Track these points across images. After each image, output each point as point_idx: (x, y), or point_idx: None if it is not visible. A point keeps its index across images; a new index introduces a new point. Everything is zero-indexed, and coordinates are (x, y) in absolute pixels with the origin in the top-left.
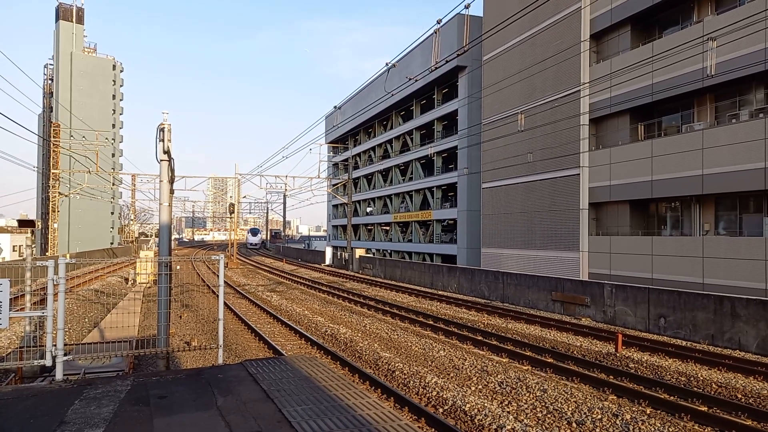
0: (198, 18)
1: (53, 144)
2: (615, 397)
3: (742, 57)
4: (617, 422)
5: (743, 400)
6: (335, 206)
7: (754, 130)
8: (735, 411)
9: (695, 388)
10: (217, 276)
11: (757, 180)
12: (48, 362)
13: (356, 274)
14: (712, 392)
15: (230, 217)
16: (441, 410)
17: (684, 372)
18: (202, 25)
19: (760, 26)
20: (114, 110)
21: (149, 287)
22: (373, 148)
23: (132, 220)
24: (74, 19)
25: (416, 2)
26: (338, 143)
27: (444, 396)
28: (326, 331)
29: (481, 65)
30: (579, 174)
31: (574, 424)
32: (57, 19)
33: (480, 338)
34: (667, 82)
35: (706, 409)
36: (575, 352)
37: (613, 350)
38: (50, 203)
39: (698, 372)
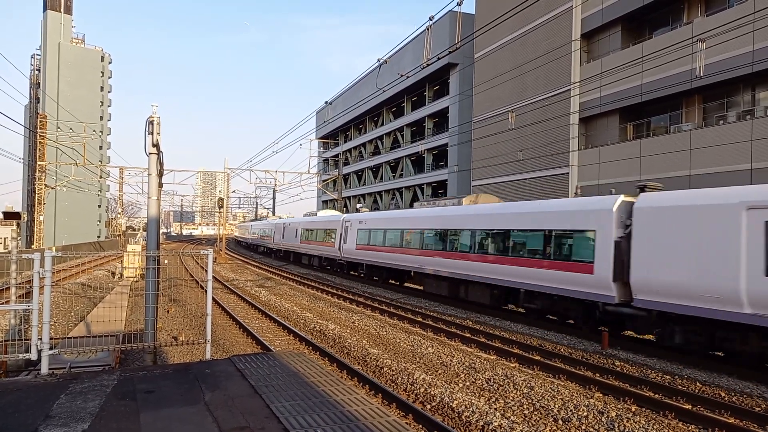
0: (188, 12)
1: (40, 135)
2: (601, 395)
3: (730, 59)
4: (603, 419)
5: (726, 398)
6: (325, 202)
7: (741, 132)
8: (719, 409)
9: (680, 386)
10: (206, 271)
11: (744, 181)
12: (33, 356)
13: None
14: (697, 390)
15: (219, 212)
16: (429, 407)
17: (669, 370)
18: (192, 19)
19: (748, 29)
20: (102, 102)
21: (136, 281)
22: (363, 144)
23: (119, 213)
24: (62, 9)
25: (410, 0)
26: (329, 139)
27: (432, 392)
28: (315, 327)
29: (472, 63)
30: (568, 173)
31: (560, 421)
32: (45, 8)
33: (468, 335)
34: (656, 83)
35: (690, 407)
36: (562, 350)
37: (600, 348)
38: (36, 195)
39: (682, 370)
